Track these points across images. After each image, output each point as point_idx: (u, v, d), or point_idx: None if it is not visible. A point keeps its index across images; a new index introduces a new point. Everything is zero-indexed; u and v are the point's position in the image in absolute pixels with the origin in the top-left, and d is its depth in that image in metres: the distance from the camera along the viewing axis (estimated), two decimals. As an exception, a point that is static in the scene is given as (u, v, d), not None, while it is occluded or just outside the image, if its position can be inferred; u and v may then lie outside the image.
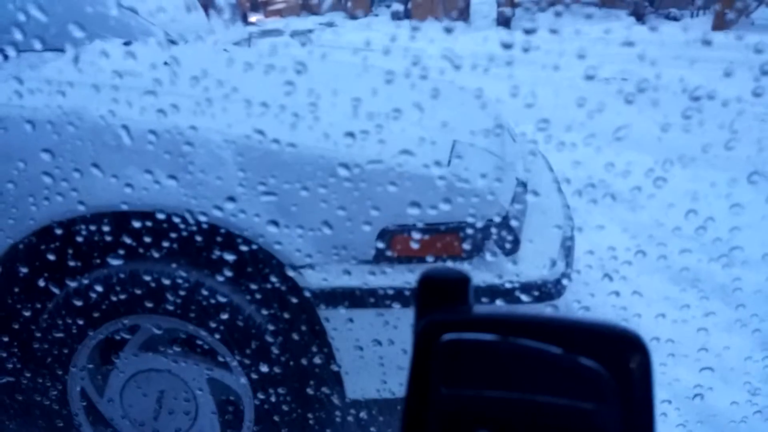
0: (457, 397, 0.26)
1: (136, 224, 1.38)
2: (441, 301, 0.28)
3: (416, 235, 1.40)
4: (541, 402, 0.25)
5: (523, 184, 1.74)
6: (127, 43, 2.05)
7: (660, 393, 1.98)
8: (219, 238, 1.41)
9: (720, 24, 9.58)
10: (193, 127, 1.39)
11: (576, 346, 0.26)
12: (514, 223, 1.50)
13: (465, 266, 1.41)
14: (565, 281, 1.46)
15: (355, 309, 1.42)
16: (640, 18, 11.72)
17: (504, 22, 12.15)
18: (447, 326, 0.27)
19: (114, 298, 1.46)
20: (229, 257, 1.40)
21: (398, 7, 13.47)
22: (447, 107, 1.96)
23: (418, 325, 0.28)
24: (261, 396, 1.53)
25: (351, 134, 1.45)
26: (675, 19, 11.74)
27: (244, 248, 1.41)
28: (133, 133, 1.38)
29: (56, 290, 1.51)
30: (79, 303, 1.48)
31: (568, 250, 1.62)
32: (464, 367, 0.26)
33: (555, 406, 0.25)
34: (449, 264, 1.41)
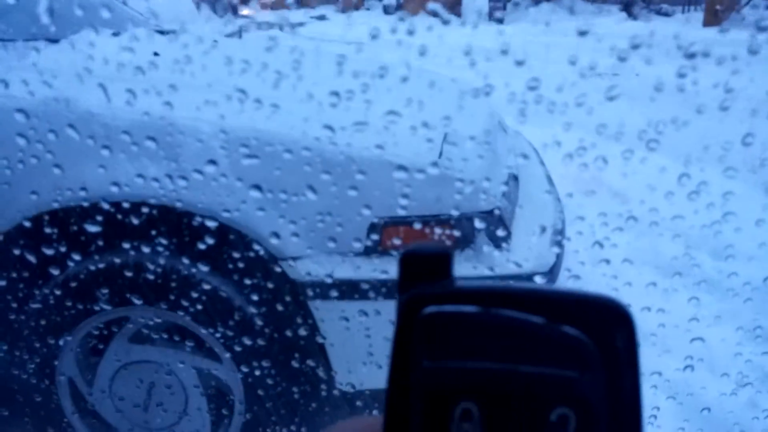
0: (440, 370, 0.26)
1: (122, 215, 1.41)
2: (423, 276, 0.28)
3: (407, 228, 1.43)
4: (525, 372, 0.25)
5: (515, 177, 1.79)
6: (115, 34, 2.09)
7: (651, 364, 1.98)
8: (207, 229, 1.42)
9: (711, 19, 9.66)
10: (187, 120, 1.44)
11: (559, 316, 0.26)
12: (505, 215, 1.54)
13: (456, 258, 1.39)
14: (556, 270, 1.52)
15: (347, 301, 1.47)
16: (631, 13, 11.74)
17: (495, 17, 12.21)
18: (428, 299, 0.27)
19: (101, 290, 1.49)
20: (219, 247, 1.44)
21: (390, 1, 13.47)
22: (438, 100, 1.99)
23: (399, 300, 0.28)
24: (252, 391, 1.58)
25: (343, 127, 1.48)
26: (666, 14, 11.79)
27: (232, 238, 1.44)
28: (120, 123, 1.41)
29: (42, 281, 1.53)
30: (66, 295, 1.51)
31: (559, 242, 1.67)
32: (446, 340, 0.26)
33: (538, 375, 0.25)
34: None
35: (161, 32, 2.46)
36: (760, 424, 1.87)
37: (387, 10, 12.82)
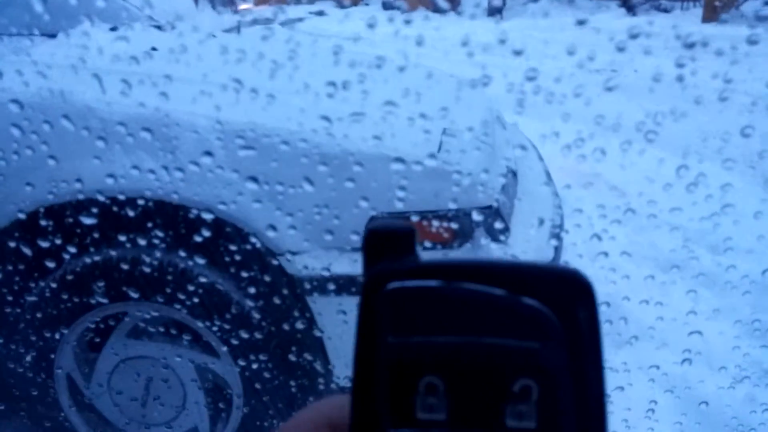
0: (404, 345, 0.27)
1: (118, 208, 1.41)
2: (387, 253, 0.29)
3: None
4: (487, 344, 0.26)
5: (513, 172, 1.80)
6: (113, 29, 2.11)
7: (649, 357, 1.98)
8: (205, 224, 1.43)
9: (710, 15, 9.67)
10: (183, 112, 1.43)
11: (520, 288, 0.26)
12: (503, 209, 1.55)
13: (455, 254, 1.46)
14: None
15: (344, 296, 1.47)
16: (630, 9, 11.74)
17: (495, 11, 12.20)
18: (392, 275, 0.27)
19: (98, 285, 1.49)
20: (216, 241, 1.44)
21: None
22: (437, 94, 2.00)
23: (364, 276, 0.28)
24: (250, 385, 1.58)
25: (340, 119, 1.48)
26: (665, 10, 11.79)
27: (232, 234, 1.44)
28: (118, 117, 1.42)
29: (39, 276, 1.53)
30: (62, 290, 1.51)
31: (557, 237, 1.69)
32: (410, 315, 0.27)
33: (500, 347, 0.26)
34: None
35: (158, 27, 2.48)
36: (757, 418, 1.87)
37: (386, 6, 12.78)
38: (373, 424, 0.27)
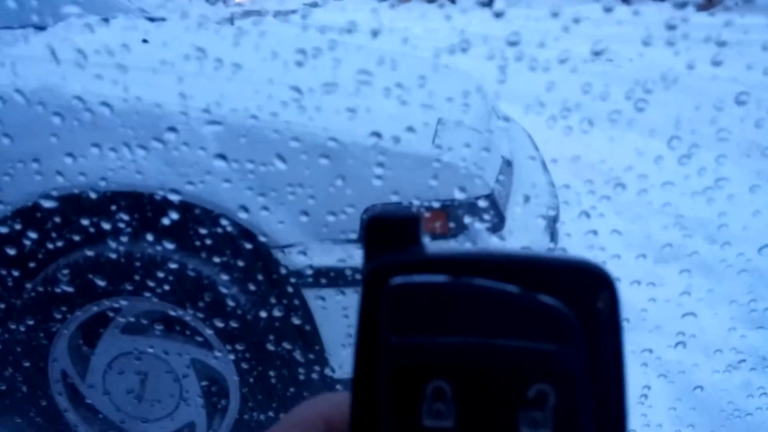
0: (409, 346, 0.25)
1: (115, 205, 1.43)
2: (390, 243, 0.27)
3: None
4: (499, 346, 0.24)
5: (508, 162, 1.85)
6: (105, 20, 2.14)
7: (641, 341, 1.94)
8: (197, 217, 1.45)
9: (705, 4, 9.82)
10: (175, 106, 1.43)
11: (535, 284, 0.25)
12: (499, 200, 1.58)
13: (451, 244, 1.49)
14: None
15: (341, 288, 1.50)
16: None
17: (487, 2, 12.30)
18: (395, 269, 0.26)
19: (92, 281, 1.51)
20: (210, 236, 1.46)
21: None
22: (432, 85, 2.03)
23: (364, 269, 0.27)
24: (246, 377, 1.61)
25: (337, 111, 1.50)
26: None
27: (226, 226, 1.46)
28: (110, 110, 1.41)
29: (33, 272, 1.55)
30: (57, 286, 1.53)
31: (552, 226, 1.73)
32: (415, 313, 0.25)
33: (514, 350, 0.24)
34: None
35: (150, 19, 2.54)
36: (754, 403, 1.84)
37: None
38: (375, 430, 0.26)
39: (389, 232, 0.28)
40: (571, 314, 0.25)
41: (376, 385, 0.26)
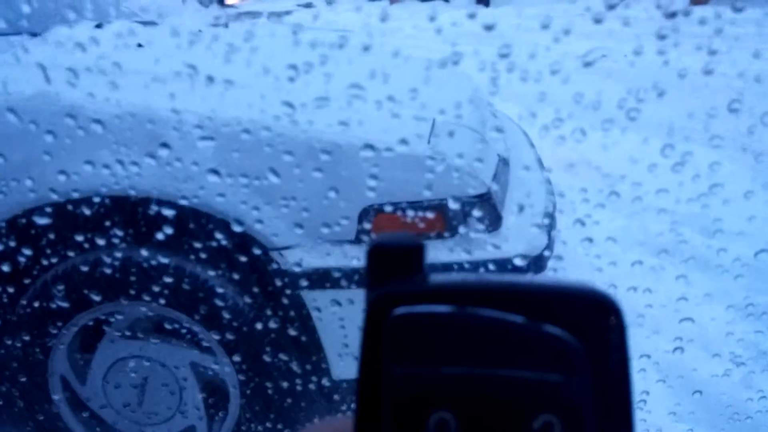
0: (412, 377, 0.25)
1: (114, 210, 1.44)
2: (393, 271, 0.28)
3: (398, 214, 1.47)
4: (504, 377, 0.25)
5: (505, 161, 1.84)
6: (98, 26, 2.13)
7: (639, 347, 1.95)
8: (197, 221, 1.46)
9: None
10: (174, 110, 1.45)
11: (541, 314, 0.25)
12: (495, 199, 1.58)
13: (448, 243, 1.49)
14: (547, 253, 1.56)
15: (339, 290, 1.50)
16: None
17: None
18: (398, 299, 0.26)
19: (91, 286, 1.51)
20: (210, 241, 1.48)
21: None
22: (427, 85, 2.03)
23: (367, 299, 0.27)
24: (247, 381, 1.61)
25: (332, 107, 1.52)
26: None
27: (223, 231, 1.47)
28: (107, 116, 1.43)
29: (32, 278, 1.56)
30: (56, 291, 1.53)
31: (549, 225, 1.72)
32: (418, 344, 0.26)
33: (519, 380, 0.24)
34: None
35: (143, 23, 2.50)
36: (754, 406, 1.85)
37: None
38: None
39: (392, 261, 0.28)
40: (577, 344, 0.25)
41: (379, 415, 0.26)
